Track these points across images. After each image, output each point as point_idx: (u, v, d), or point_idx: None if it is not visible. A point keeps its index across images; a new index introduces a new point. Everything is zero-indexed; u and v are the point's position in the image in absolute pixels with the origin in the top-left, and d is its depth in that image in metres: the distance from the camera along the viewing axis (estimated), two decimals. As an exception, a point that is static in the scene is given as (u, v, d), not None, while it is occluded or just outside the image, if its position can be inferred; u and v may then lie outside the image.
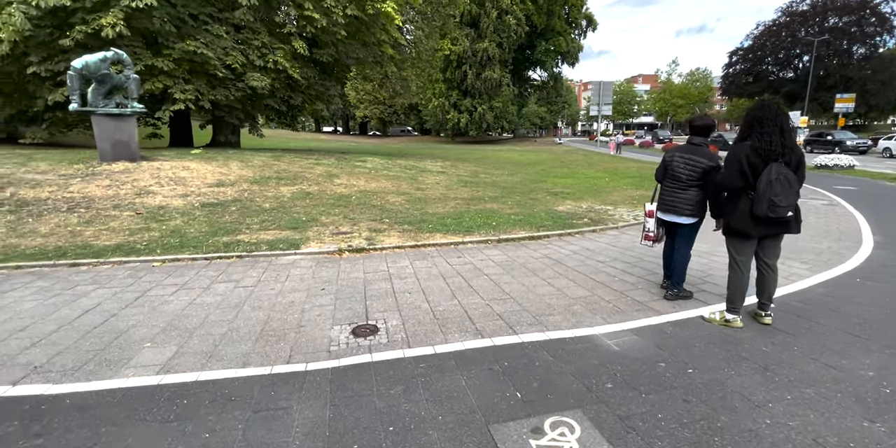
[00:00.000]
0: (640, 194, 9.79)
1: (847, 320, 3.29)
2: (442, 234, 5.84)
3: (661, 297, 3.77)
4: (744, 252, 3.12)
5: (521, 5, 41.27)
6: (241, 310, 3.53)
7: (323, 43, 14.01)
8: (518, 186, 11.18)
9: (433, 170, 13.98)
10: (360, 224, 6.32)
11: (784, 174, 2.82)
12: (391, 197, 8.60)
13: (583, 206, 8.17)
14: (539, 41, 45.66)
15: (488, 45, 40.44)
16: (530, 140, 54.00)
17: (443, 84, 44.41)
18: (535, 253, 5.15)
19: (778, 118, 2.87)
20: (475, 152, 28.07)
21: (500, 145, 42.89)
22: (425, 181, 11.16)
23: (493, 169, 16.26)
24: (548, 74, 50.03)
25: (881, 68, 44.48)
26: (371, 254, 5.08)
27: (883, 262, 4.83)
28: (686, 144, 3.54)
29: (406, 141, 50.94)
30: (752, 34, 51.81)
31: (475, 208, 7.78)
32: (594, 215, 7.16)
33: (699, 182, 3.41)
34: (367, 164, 12.86)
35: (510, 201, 8.60)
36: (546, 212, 7.47)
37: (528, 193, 9.84)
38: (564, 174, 14.98)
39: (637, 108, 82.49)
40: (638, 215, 7.19)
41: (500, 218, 6.90)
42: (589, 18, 47.38)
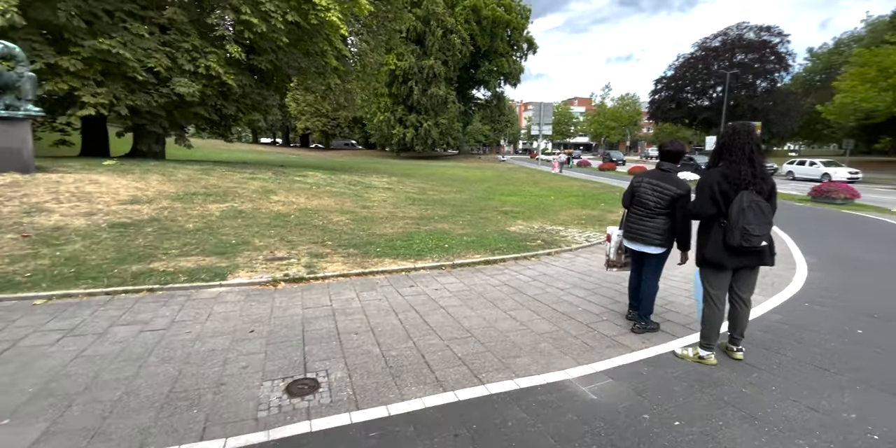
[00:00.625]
0: (587, 214, 9.90)
1: (811, 352, 3.23)
2: (391, 258, 5.37)
3: (629, 329, 3.55)
4: (718, 285, 2.96)
5: (466, 26, 42.29)
6: (145, 363, 2.84)
7: (261, 49, 13.21)
8: (467, 204, 10.96)
9: (379, 186, 13.46)
10: (298, 248, 5.69)
11: (756, 202, 2.70)
12: (334, 216, 7.99)
13: (534, 226, 8.04)
14: (483, 61, 46.89)
15: (434, 63, 40.86)
16: (475, 157, 54.88)
17: (388, 99, 44.15)
18: (493, 280, 4.82)
19: (747, 146, 2.77)
20: (421, 168, 27.85)
21: (445, 161, 43.11)
22: (371, 198, 10.63)
23: (441, 186, 16.03)
24: (491, 94, 51.36)
25: (780, 100, 50.19)
26: (311, 284, 4.49)
27: (822, 285, 5.00)
28: (655, 170, 3.40)
29: (350, 155, 49.84)
30: (673, 65, 56.63)
31: (426, 228, 7.39)
32: (547, 237, 7.02)
33: (667, 210, 3.26)
34: (308, 179, 12.11)
35: (461, 221, 8.30)
36: (499, 232, 7.23)
37: (478, 212, 9.62)
38: (511, 192, 15.04)
39: (573, 128, 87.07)
40: (590, 237, 7.15)
41: (453, 239, 6.55)
42: (530, 42, 49.46)
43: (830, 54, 61.62)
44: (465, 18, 42.20)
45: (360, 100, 23.19)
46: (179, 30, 11.38)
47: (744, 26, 53.11)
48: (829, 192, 15.13)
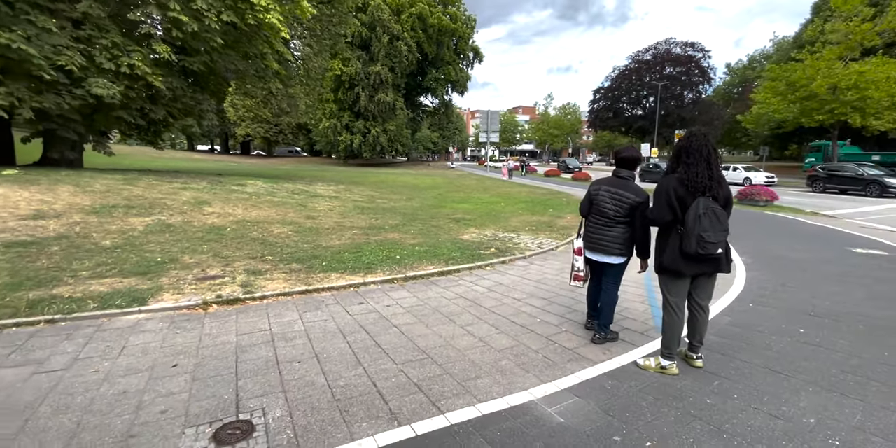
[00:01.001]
0: (537, 220, 9.98)
1: (763, 355, 3.27)
2: (339, 273, 5.01)
3: (590, 340, 3.45)
4: (677, 292, 2.92)
5: (412, 33, 42.33)
6: (33, 415, 2.34)
7: (194, 50, 12.32)
8: (418, 212, 10.72)
9: (325, 194, 12.92)
10: (234, 264, 5.18)
11: (712, 209, 2.67)
12: (276, 228, 7.47)
13: (487, 233, 7.94)
14: (430, 69, 47.12)
15: (381, 69, 40.49)
16: (424, 164, 54.86)
17: (334, 105, 43.20)
18: (448, 292, 4.60)
19: (704, 149, 2.75)
20: (370, 175, 27.31)
21: (394, 168, 42.67)
22: (316, 208, 10.12)
23: (391, 193, 15.69)
24: (439, 101, 51.67)
25: (705, 110, 54.31)
26: (248, 305, 4.05)
27: (760, 284, 5.22)
28: (612, 177, 3.33)
29: (294, 162, 48.12)
30: (610, 76, 59.94)
31: (375, 239, 7.06)
32: (500, 244, 6.92)
33: (627, 218, 3.19)
34: (247, 188, 11.37)
35: (413, 230, 8.04)
36: (451, 241, 7.04)
37: (429, 220, 9.40)
38: (462, 199, 14.99)
39: (519, 136, 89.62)
40: (542, 243, 7.13)
41: (404, 250, 6.28)
42: (476, 51, 50.33)
43: (745, 69, 67.77)
44: (411, 26, 42.24)
45: (304, 105, 22.35)
46: (97, 25, 10.33)
47: (671, 42, 57.16)
48: (752, 195, 16.36)
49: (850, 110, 24.20)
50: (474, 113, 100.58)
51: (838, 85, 23.84)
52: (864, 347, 3.41)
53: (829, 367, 3.10)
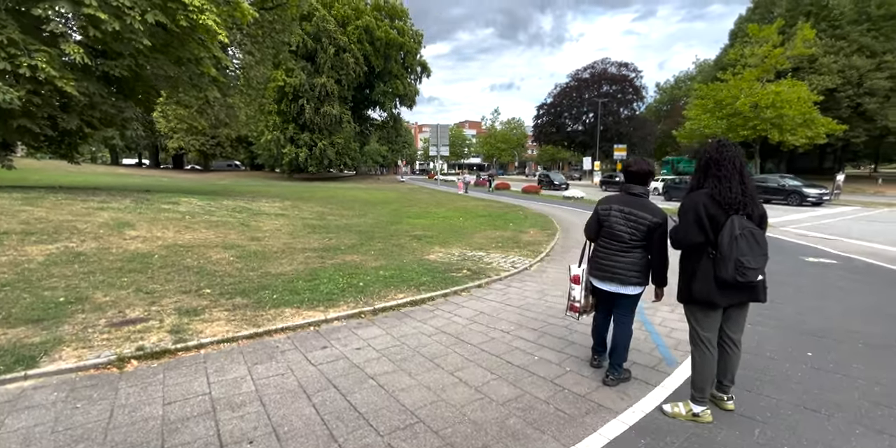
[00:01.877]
0: (501, 236, 9.61)
1: (789, 389, 2.95)
2: (294, 308, 4.25)
3: (600, 381, 2.98)
4: (709, 326, 2.52)
5: (359, 46, 41.72)
6: None
7: (116, 53, 11.00)
8: (375, 230, 10.02)
9: (271, 212, 11.87)
10: (163, 302, 4.27)
11: (749, 229, 2.31)
12: (215, 253, 6.51)
13: (454, 252, 7.40)
14: (378, 82, 46.60)
15: (327, 81, 39.42)
16: (373, 177, 53.83)
17: (278, 117, 41.40)
18: (426, 326, 3.99)
19: (737, 160, 2.40)
20: (317, 190, 26.09)
21: (343, 182, 41.38)
22: (262, 228, 9.15)
23: (342, 209, 14.82)
24: (387, 114, 51.14)
25: (639, 126, 57.84)
26: (180, 358, 3.22)
27: (744, 301, 5.06)
28: (623, 195, 2.91)
29: (234, 176, 45.41)
30: (552, 93, 62.43)
31: (332, 262, 6.31)
32: (471, 265, 6.40)
33: (643, 242, 2.78)
34: (179, 206, 10.14)
35: (373, 250, 7.35)
36: (418, 263, 6.44)
37: (389, 239, 8.74)
38: (418, 214, 14.42)
39: (467, 150, 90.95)
40: (515, 262, 6.70)
41: (367, 275, 5.60)
42: (423, 65, 50.52)
43: (672, 89, 73.32)
44: (357, 38, 41.65)
45: (244, 116, 21.00)
46: (-9, 20, 8.87)
47: (607, 62, 60.61)
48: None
49: (769, 127, 26.44)
50: (422, 127, 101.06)
51: (759, 103, 26.01)
52: (878, 371, 3.20)
53: (858, 398, 2.82)
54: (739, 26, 41.93)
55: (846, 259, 7.83)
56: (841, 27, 36.16)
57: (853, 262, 7.54)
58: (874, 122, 34.85)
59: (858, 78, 34.95)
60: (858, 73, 34.90)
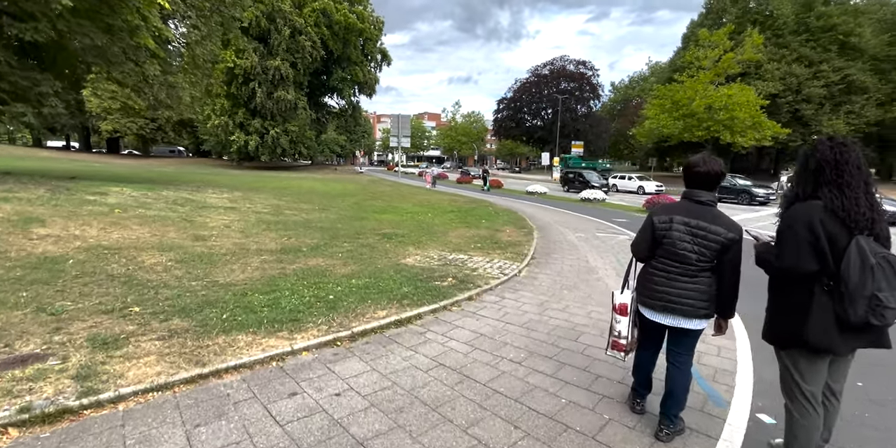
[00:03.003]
0: (477, 234, 8.98)
1: (868, 436, 2.50)
2: (249, 333, 3.38)
3: (652, 436, 2.39)
4: (816, 379, 1.97)
5: (316, 29, 39.54)
6: None
7: (26, 14, 9.29)
8: (339, 227, 9.09)
9: (218, 205, 10.61)
10: (72, 327, 3.27)
11: (884, 256, 1.76)
12: (149, 256, 5.42)
13: (432, 255, 6.67)
14: (336, 68, 44.55)
15: (281, 64, 37.09)
16: (330, 168, 51.76)
17: (226, 100, 38.56)
18: (419, 357, 3.26)
19: (863, 165, 1.84)
20: (270, 180, 24.42)
21: (298, 172, 39.35)
22: (208, 224, 8.00)
23: (300, 202, 13.65)
24: (346, 102, 49.15)
25: (595, 124, 59.18)
26: (86, 421, 2.31)
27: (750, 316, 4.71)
28: (686, 202, 2.29)
29: (177, 163, 42.11)
30: (512, 87, 62.60)
31: (294, 268, 5.41)
32: (455, 271, 5.71)
33: (713, 263, 2.20)
34: (108, 197, 8.74)
35: (340, 252, 6.48)
36: (394, 268, 5.66)
37: (356, 238, 7.87)
38: (383, 209, 13.53)
39: (426, 142, 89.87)
40: (502, 267, 6.07)
41: (337, 284, 4.77)
42: (384, 53, 48.84)
43: (626, 88, 75.73)
44: (315, 21, 39.44)
45: (188, 98, 19.02)
46: None
47: (566, 59, 61.42)
48: (658, 203, 17.33)
49: (722, 128, 27.51)
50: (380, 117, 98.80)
51: (713, 105, 26.96)
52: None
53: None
54: (692, 30, 43.49)
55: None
56: (783, 36, 38.30)
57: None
58: (810, 127, 37.30)
59: (797, 85, 37.22)
60: (797, 81, 37.16)
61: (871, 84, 38.35)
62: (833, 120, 36.78)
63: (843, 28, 37.27)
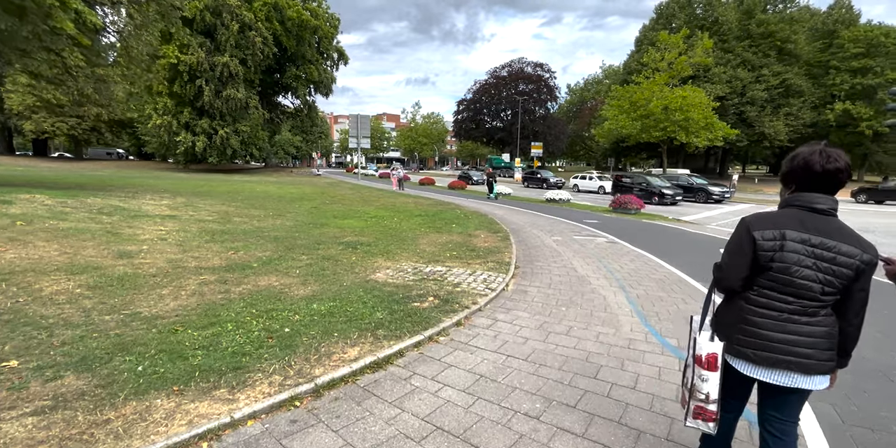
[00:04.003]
0: (450, 240, 8.26)
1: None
2: (172, 394, 2.48)
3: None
4: None
5: (268, 24, 37.58)
6: None
7: None
8: (297, 236, 8.11)
9: (155, 213, 9.33)
10: None
11: None
12: (51, 282, 4.32)
13: (405, 267, 5.88)
14: (289, 66, 42.62)
15: (230, 61, 34.92)
16: (285, 170, 49.49)
17: (169, 99, 35.89)
18: (408, 419, 2.47)
19: None
20: (220, 184, 22.68)
21: (250, 175, 37.21)
22: (138, 236, 6.82)
23: (251, 208, 12.44)
24: (301, 102, 47.13)
25: (553, 125, 60.10)
26: None
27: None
28: (798, 211, 1.64)
29: (115, 167, 38.82)
30: (472, 89, 62.58)
31: (241, 291, 4.47)
32: (435, 287, 4.94)
33: (837, 296, 1.57)
34: (12, 206, 7.35)
35: (297, 268, 5.56)
36: (362, 286, 4.83)
37: (315, 248, 6.95)
38: (345, 213, 12.56)
39: (386, 143, 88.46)
40: (487, 280, 5.36)
41: (295, 311, 3.90)
42: (340, 52, 47.31)
43: (582, 91, 77.66)
44: (266, 15, 37.48)
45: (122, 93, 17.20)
46: None
47: (524, 61, 62.03)
48: (625, 203, 17.27)
49: (677, 129, 28.26)
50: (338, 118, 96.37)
51: (669, 106, 27.64)
52: None
53: None
54: (645, 34, 44.96)
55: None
56: (728, 41, 40.20)
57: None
58: (754, 128, 39.32)
59: (742, 88, 39.16)
60: (742, 84, 39.08)
61: (807, 88, 40.98)
62: (774, 121, 38.97)
63: (780, 35, 39.59)
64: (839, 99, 40.35)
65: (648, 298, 4.96)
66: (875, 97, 38.82)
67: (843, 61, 40.53)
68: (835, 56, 41.40)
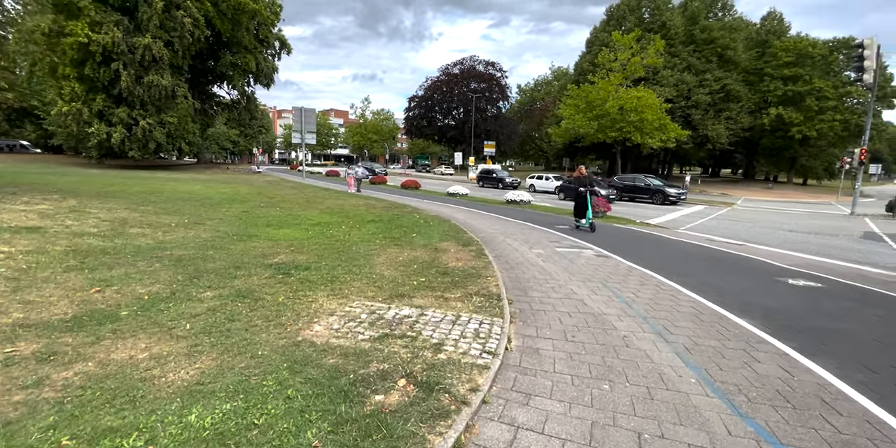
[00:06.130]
0: (413, 257, 6.55)
1: None
2: None
3: None
4: None
5: (199, 4, 33.71)
6: None
7: None
8: (210, 254, 6.06)
9: (12, 224, 6.88)
10: None
11: None
12: None
13: (357, 310, 4.10)
14: (224, 52, 38.74)
15: (152, 43, 30.87)
16: (220, 167, 45.27)
17: (78, 83, 31.19)
18: None
19: None
20: (136, 183, 19.51)
21: (178, 172, 33.32)
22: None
23: (162, 214, 10.04)
24: (238, 92, 43.13)
25: (505, 124, 59.70)
26: None
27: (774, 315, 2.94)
28: None
29: (14, 161, 33.41)
30: (423, 85, 60.90)
31: (67, 379, 2.54)
32: (405, 354, 3.18)
33: None
34: None
35: (191, 317, 3.64)
36: (290, 359, 3.01)
37: (230, 276, 4.99)
38: (282, 220, 10.47)
39: (334, 139, 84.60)
40: (478, 333, 3.67)
41: (153, 435, 2.07)
42: (282, 41, 43.81)
43: (532, 91, 78.12)
44: (195, -6, 33.61)
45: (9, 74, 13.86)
46: None
47: (475, 59, 61.19)
48: (593, 206, 16.29)
49: (633, 129, 28.18)
50: (281, 112, 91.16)
51: (625, 106, 27.46)
52: None
53: None
54: (596, 36, 45.29)
55: (817, 278, 6.74)
56: (675, 46, 41.22)
57: (837, 285, 6.41)
58: (698, 131, 40.56)
59: (688, 92, 40.27)
60: (688, 88, 40.19)
61: (744, 93, 42.94)
62: (716, 124, 40.43)
63: (721, 42, 41.14)
64: (773, 105, 42.65)
65: (702, 353, 3.55)
66: (803, 103, 41.35)
67: (776, 69, 42.88)
68: (768, 64, 43.73)
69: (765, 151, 49.50)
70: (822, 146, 45.76)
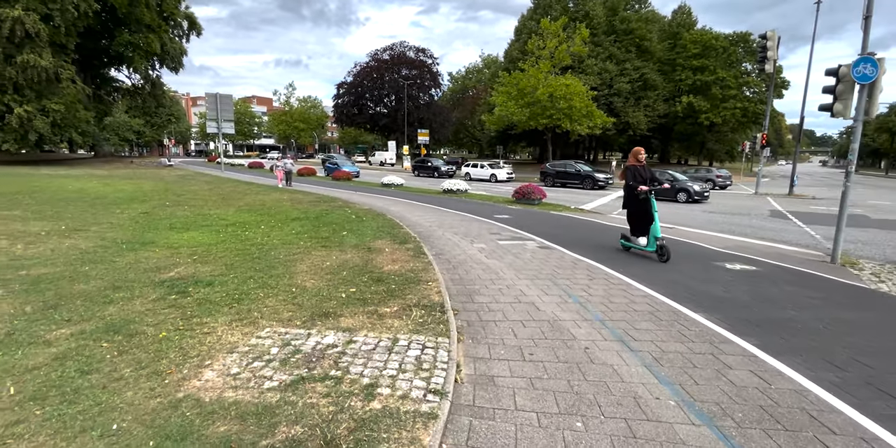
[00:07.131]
0: (343, 261, 5.74)
1: None
2: None
3: None
4: None
5: (80, -27, 29.19)
6: None
7: None
8: (85, 270, 4.84)
9: None
10: None
11: None
12: None
13: (266, 343, 3.26)
14: (120, 30, 34.13)
15: (24, 16, 26.28)
16: (124, 161, 40.29)
17: (-74, 63, 25.96)
18: None
19: None
20: (12, 181, 16.52)
21: (69, 167, 29.13)
22: None
23: (35, 218, 8.27)
24: (141, 77, 38.39)
25: (438, 112, 58.97)
26: None
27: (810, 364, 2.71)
28: None
29: None
30: (352, 71, 58.30)
31: None
32: (325, 407, 2.38)
33: None
34: None
35: (27, 363, 2.63)
36: (158, 430, 2.15)
37: (104, 301, 3.91)
38: (188, 221, 9.08)
39: (257, 129, 79.07)
40: (420, 360, 2.99)
41: None
42: (191, 20, 39.45)
43: (464, 79, 77.91)
44: (76, -39, 29.03)
45: None
46: None
47: (406, 45, 59.50)
48: (528, 193, 16.20)
49: (562, 116, 28.72)
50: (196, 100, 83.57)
51: (554, 94, 27.84)
52: None
53: None
54: (524, 24, 45.68)
55: (748, 260, 6.87)
56: (598, 35, 42.62)
57: (769, 267, 6.53)
58: (620, 118, 42.54)
59: (610, 80, 41.95)
60: (610, 77, 41.85)
61: (660, 82, 45.60)
62: (636, 112, 42.63)
63: (639, 33, 43.19)
64: (685, 93, 45.75)
65: (672, 363, 3.18)
66: (710, 92, 44.74)
67: (686, 60, 45.91)
68: (679, 55, 46.70)
69: (678, 137, 53.25)
70: (726, 132, 50.07)
